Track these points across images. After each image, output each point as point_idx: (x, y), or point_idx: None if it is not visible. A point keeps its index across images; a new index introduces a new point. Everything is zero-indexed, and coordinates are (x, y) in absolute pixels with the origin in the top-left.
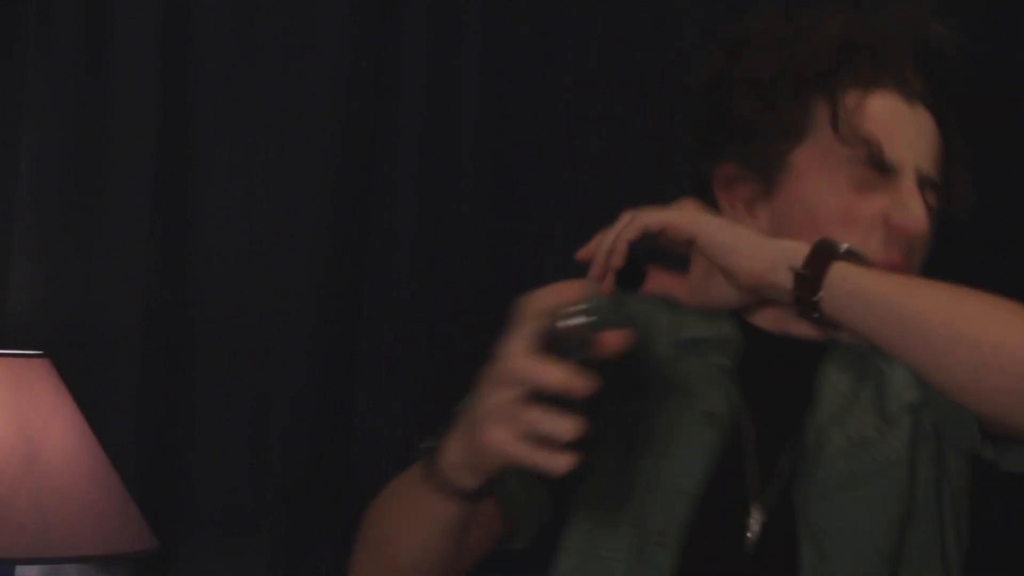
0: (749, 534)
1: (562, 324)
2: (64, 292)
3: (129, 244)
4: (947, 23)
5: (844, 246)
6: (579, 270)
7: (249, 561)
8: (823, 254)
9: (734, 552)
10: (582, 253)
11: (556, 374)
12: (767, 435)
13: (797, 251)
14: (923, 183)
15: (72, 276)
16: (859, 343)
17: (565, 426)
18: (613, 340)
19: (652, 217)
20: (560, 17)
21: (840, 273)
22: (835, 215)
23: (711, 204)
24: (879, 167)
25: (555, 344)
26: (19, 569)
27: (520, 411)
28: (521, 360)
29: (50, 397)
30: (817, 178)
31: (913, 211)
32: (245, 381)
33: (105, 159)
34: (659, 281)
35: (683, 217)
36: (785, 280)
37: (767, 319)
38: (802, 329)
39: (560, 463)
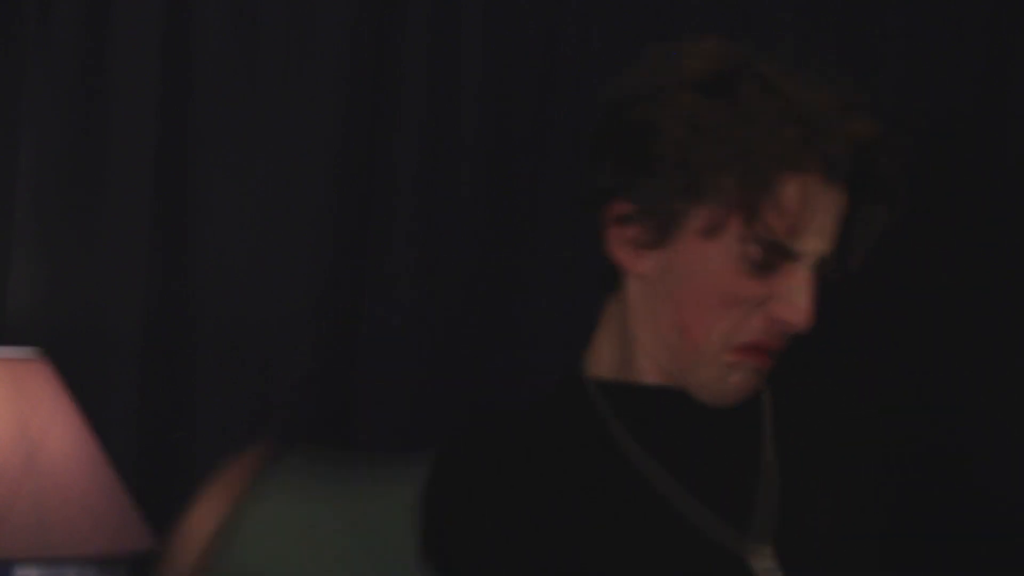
0: None
1: None
2: (64, 292)
3: (129, 244)
4: (872, 99)
5: None
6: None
7: None
8: None
9: None
10: None
11: None
12: None
13: None
14: (822, 265)
15: (72, 276)
16: None
17: None
18: None
19: None
20: (561, 17)
21: None
22: (717, 292)
23: (598, 227)
24: (783, 255)
25: None
26: (19, 569)
27: None
28: None
29: (50, 397)
30: (709, 248)
31: (799, 305)
32: (245, 381)
33: (105, 159)
34: None
35: None
36: None
37: None
38: None
39: None
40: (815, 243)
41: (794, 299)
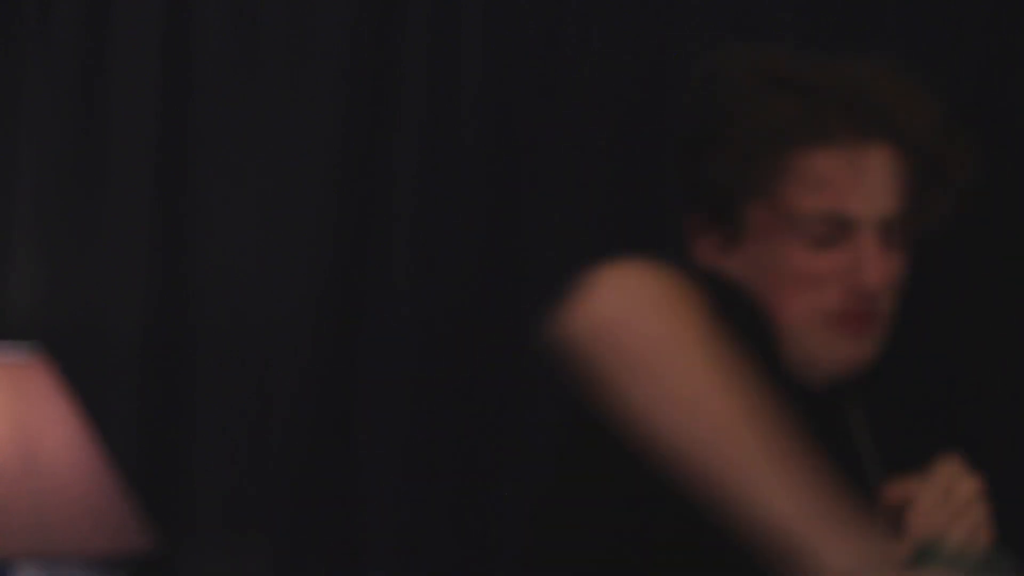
0: None
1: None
2: (64, 291)
3: (129, 244)
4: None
5: None
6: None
7: (249, 561)
8: None
9: None
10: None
11: None
12: None
13: None
14: (887, 228)
15: (72, 276)
16: None
17: None
18: None
19: None
20: (561, 17)
21: None
22: (795, 275)
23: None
24: (838, 225)
25: None
26: (19, 569)
27: None
28: None
29: (50, 397)
30: (775, 238)
31: (871, 270)
32: (245, 381)
33: (105, 159)
34: None
35: None
36: None
37: None
38: None
39: None
40: (866, 207)
41: (865, 266)
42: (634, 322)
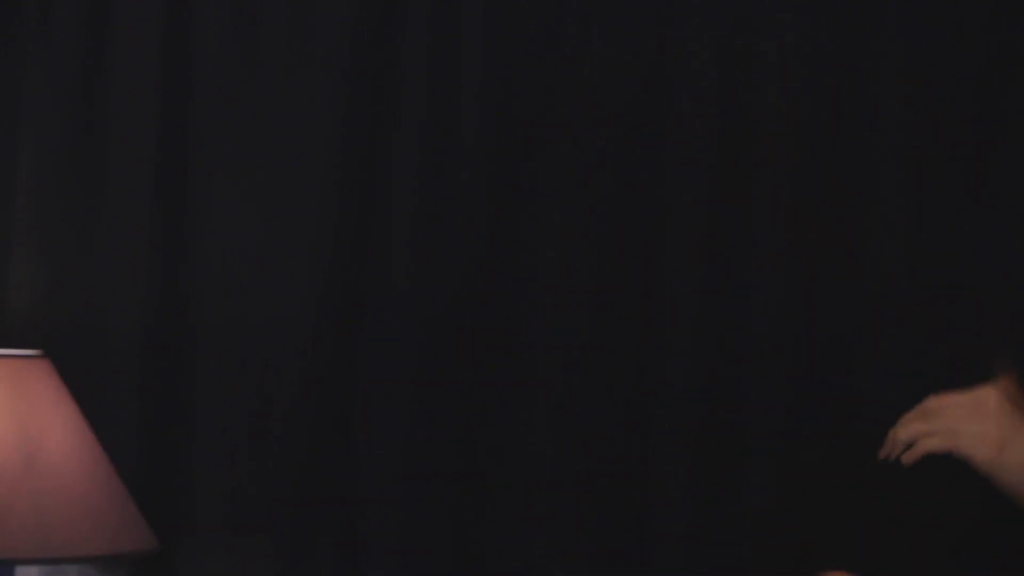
0: None
1: None
2: (64, 292)
3: (129, 244)
4: None
5: None
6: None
7: (249, 561)
8: None
9: None
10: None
11: None
12: None
13: None
14: None
15: (72, 276)
16: None
17: None
18: None
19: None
20: (561, 17)
21: None
22: None
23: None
24: None
25: None
26: (19, 569)
27: None
28: None
29: (50, 397)
30: None
31: None
32: (245, 381)
33: (105, 159)
34: None
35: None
36: None
37: None
38: None
39: None
40: None
41: None
42: None
